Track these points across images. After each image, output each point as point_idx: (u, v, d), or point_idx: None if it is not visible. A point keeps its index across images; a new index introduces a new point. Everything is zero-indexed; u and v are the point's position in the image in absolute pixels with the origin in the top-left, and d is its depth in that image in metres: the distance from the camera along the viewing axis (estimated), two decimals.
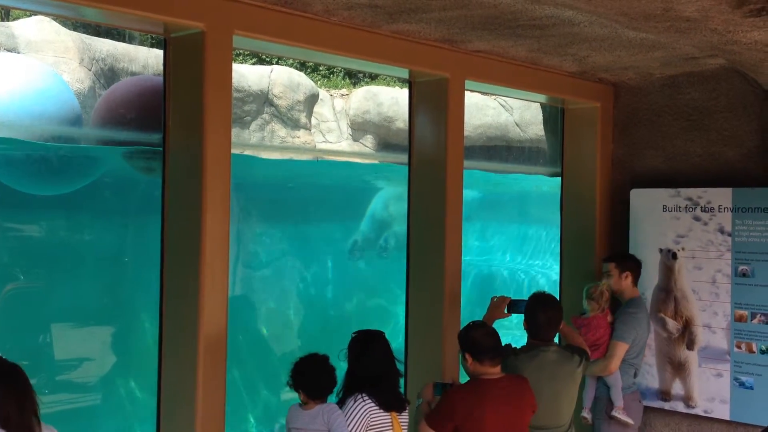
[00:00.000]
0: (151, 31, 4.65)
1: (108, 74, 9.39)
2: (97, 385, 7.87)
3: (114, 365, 7.90)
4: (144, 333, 7.81)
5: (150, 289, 4.18)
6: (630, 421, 5.34)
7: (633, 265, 5.61)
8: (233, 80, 4.28)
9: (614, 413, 5.31)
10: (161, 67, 4.21)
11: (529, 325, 4.57)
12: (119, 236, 8.26)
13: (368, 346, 3.95)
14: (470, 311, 5.59)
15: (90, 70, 9.27)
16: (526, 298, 4.74)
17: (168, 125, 4.09)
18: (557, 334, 4.80)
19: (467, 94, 5.48)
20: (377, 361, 3.92)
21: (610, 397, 5.34)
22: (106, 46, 9.55)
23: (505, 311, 4.88)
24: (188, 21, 3.87)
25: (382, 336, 4.04)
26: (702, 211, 5.74)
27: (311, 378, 3.84)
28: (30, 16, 9.35)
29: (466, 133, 5.50)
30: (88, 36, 9.54)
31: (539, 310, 4.56)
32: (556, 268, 6.68)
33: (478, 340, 4.05)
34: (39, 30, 8.94)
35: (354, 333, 4.05)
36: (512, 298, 4.89)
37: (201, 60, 3.89)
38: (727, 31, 3.66)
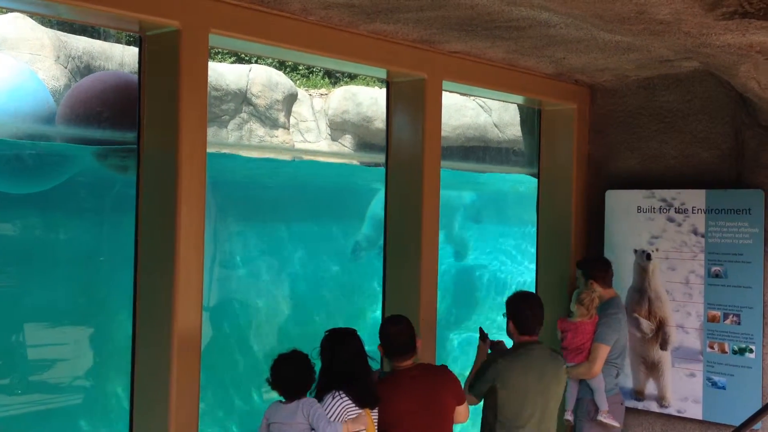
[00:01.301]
0: (126, 29, 4.61)
1: (84, 72, 9.32)
2: (71, 385, 7.81)
3: (88, 365, 7.84)
4: (119, 333, 7.76)
5: (127, 288, 4.15)
6: (616, 423, 5.38)
7: (598, 273, 5.57)
8: (211, 79, 4.26)
9: (600, 417, 5.33)
10: (137, 65, 4.18)
11: (515, 323, 4.61)
12: (94, 235, 8.20)
13: (340, 344, 3.96)
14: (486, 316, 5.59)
15: (66, 67, 9.20)
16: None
17: (143, 124, 4.06)
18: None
19: (446, 94, 5.50)
20: (350, 358, 3.94)
21: (595, 401, 5.36)
22: (82, 43, 9.49)
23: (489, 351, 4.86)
24: (164, 19, 3.84)
25: (354, 334, 4.05)
26: (676, 212, 5.79)
27: (289, 377, 3.84)
28: (5, 13, 9.27)
29: (445, 133, 5.51)
30: (64, 33, 9.47)
31: (523, 305, 4.62)
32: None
33: (391, 336, 4.20)
34: (14, 27, 8.86)
35: (327, 331, 4.05)
36: (491, 339, 4.90)
37: (176, 58, 3.87)
38: (700, 34, 3.69)
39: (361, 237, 11.92)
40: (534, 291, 6.43)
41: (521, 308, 4.63)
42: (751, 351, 5.47)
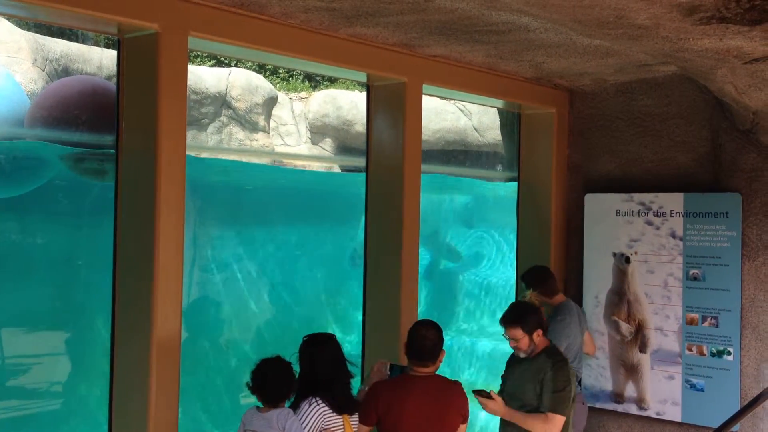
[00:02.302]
0: (104, 31, 4.58)
1: (62, 75, 9.25)
2: (48, 390, 7.73)
3: (66, 370, 7.76)
4: (98, 337, 7.70)
5: (106, 293, 4.12)
6: None
7: (537, 282, 5.54)
8: (191, 82, 4.24)
9: None
10: (116, 68, 4.15)
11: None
12: (72, 239, 8.13)
13: (319, 349, 3.94)
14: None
15: (43, 70, 9.12)
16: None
17: (121, 127, 4.03)
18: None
19: (427, 98, 5.50)
20: (328, 364, 3.92)
21: None
22: (60, 46, 9.41)
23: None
24: (142, 22, 3.82)
25: (333, 339, 4.03)
26: (654, 215, 5.83)
27: (270, 384, 3.81)
28: None
29: (425, 137, 5.51)
30: (42, 36, 9.40)
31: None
32: None
33: (417, 339, 4.07)
34: None
35: (305, 337, 4.03)
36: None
37: (155, 61, 3.85)
38: (678, 38, 3.72)
39: (359, 245, 11.87)
40: (515, 295, 6.45)
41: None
42: (729, 353, 5.51)
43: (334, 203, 11.97)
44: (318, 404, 3.84)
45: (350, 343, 7.82)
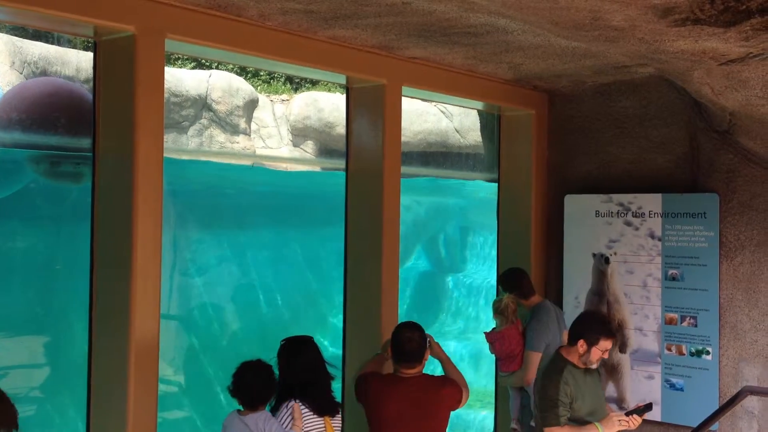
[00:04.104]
0: (80, 34, 4.55)
1: (40, 77, 9.16)
2: (27, 396, 7.66)
3: (44, 376, 7.70)
4: (77, 341, 7.64)
5: (85, 296, 4.09)
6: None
7: (513, 284, 5.57)
8: (170, 85, 4.22)
9: (513, 425, 5.41)
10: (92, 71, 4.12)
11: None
12: (51, 243, 8.06)
13: (297, 352, 3.94)
14: None
15: (21, 73, 9.04)
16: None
17: (98, 130, 4.00)
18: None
19: (408, 100, 5.49)
20: (307, 366, 3.91)
21: (531, 407, 5.41)
22: (37, 48, 9.33)
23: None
24: (119, 24, 3.79)
25: (311, 341, 4.02)
26: (633, 216, 5.86)
27: (250, 387, 3.80)
28: None
29: (406, 138, 5.50)
30: (20, 38, 9.31)
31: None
32: None
33: (402, 341, 4.21)
34: None
35: (283, 340, 4.02)
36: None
37: (132, 64, 3.82)
38: (654, 40, 3.74)
39: None
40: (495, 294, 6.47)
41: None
42: (707, 353, 5.55)
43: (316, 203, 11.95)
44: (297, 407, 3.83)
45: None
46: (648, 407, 4.42)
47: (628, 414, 4.40)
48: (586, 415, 4.36)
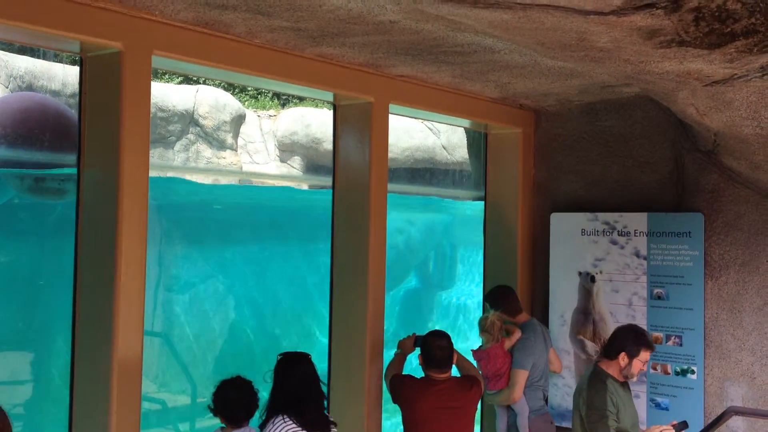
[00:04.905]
0: (66, 50, 4.52)
1: (26, 91, 9.13)
2: (9, 413, 7.56)
3: (28, 392, 7.61)
4: (59, 358, 7.57)
5: (68, 313, 4.06)
6: None
7: (499, 302, 5.60)
8: (157, 100, 4.21)
9: None
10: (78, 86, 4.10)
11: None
12: (34, 258, 8.00)
13: (291, 368, 3.92)
14: None
15: (7, 87, 9.01)
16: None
17: (83, 146, 3.98)
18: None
19: (395, 117, 5.50)
20: (299, 382, 3.89)
21: (517, 425, 5.40)
22: (24, 63, 9.31)
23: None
24: (105, 40, 3.78)
25: (307, 358, 4.01)
26: (619, 235, 5.88)
27: (231, 404, 3.77)
28: None
29: (393, 155, 5.52)
30: (6, 53, 9.28)
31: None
32: None
33: (434, 349, 4.61)
34: None
35: (279, 355, 4.01)
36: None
37: (118, 80, 3.81)
38: (639, 61, 3.76)
39: None
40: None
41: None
42: (693, 372, 5.56)
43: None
44: (284, 422, 3.80)
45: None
46: (683, 425, 4.45)
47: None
48: (630, 427, 4.46)
